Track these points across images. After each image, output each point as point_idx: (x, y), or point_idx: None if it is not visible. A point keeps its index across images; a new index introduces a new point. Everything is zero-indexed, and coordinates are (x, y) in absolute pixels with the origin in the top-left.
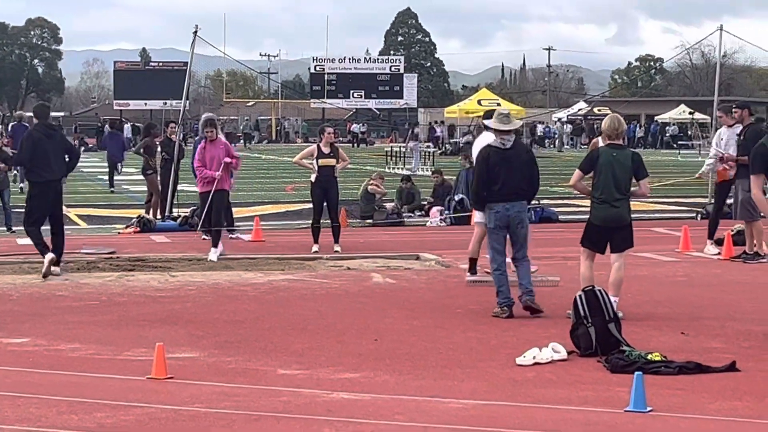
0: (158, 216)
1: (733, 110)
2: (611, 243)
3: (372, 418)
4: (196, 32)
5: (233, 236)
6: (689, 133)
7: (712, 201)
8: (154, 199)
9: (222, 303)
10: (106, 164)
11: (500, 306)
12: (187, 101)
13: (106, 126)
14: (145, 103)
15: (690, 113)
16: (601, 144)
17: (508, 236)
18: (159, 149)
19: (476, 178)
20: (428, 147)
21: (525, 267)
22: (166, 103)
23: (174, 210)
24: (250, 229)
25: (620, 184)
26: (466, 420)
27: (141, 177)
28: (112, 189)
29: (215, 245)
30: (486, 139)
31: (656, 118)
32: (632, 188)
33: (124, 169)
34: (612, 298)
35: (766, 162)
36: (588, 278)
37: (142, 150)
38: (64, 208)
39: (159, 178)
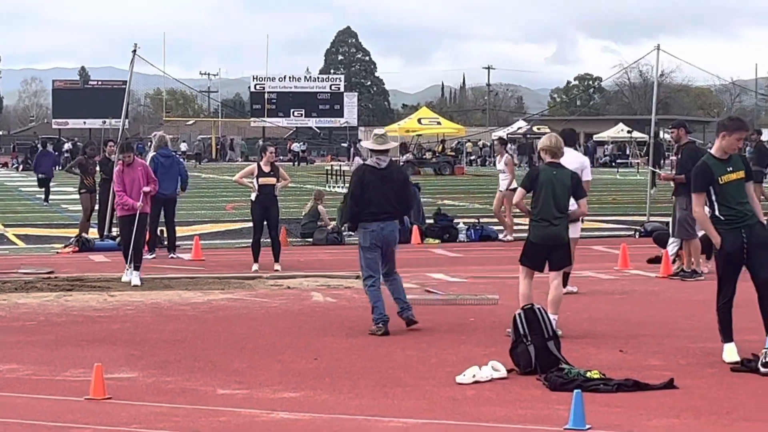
0: (83, 235)
1: (670, 130)
2: (550, 261)
3: None
4: (135, 51)
5: (173, 255)
6: (627, 151)
7: (650, 219)
8: (82, 219)
9: (161, 323)
10: (39, 181)
11: (376, 323)
12: (127, 120)
13: (39, 144)
14: (84, 122)
15: (628, 132)
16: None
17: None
18: (98, 168)
19: (351, 197)
20: None
21: (397, 282)
22: (105, 122)
23: (113, 229)
24: (190, 248)
25: (559, 202)
26: None
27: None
28: (46, 203)
29: (138, 268)
30: (572, 156)
31: (594, 136)
32: (571, 207)
33: (61, 189)
34: (551, 316)
35: (709, 180)
36: (527, 296)
37: (74, 168)
38: (1, 227)
39: (97, 197)
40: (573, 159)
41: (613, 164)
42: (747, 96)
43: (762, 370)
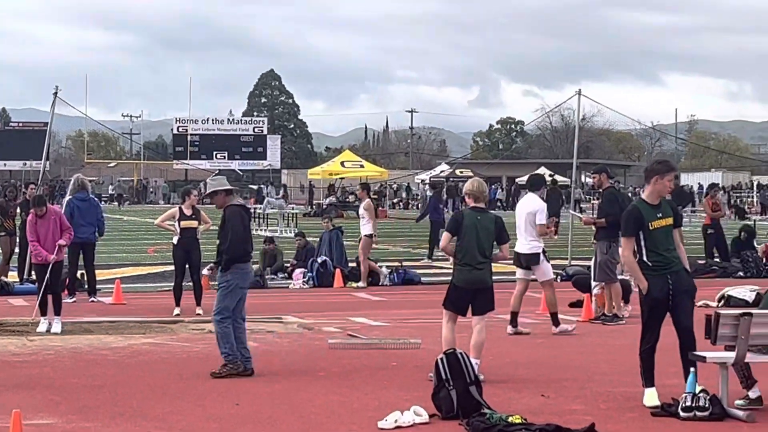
0: (2, 278)
1: (592, 175)
2: (473, 305)
3: None
4: (56, 93)
5: (94, 299)
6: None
7: (571, 263)
8: (1, 262)
9: (81, 367)
10: None
11: (229, 362)
12: (48, 162)
13: None
14: (5, 164)
15: (550, 176)
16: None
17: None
18: (18, 210)
19: (237, 237)
20: (292, 208)
21: (244, 327)
22: (26, 164)
23: (33, 273)
24: (111, 292)
25: (483, 247)
26: None
27: None
28: None
29: (58, 313)
30: (530, 199)
31: (517, 180)
32: (493, 252)
33: None
34: (473, 361)
35: (639, 225)
36: (450, 341)
37: None
38: None
39: (18, 240)
40: (529, 203)
41: None
42: (667, 140)
43: (682, 414)
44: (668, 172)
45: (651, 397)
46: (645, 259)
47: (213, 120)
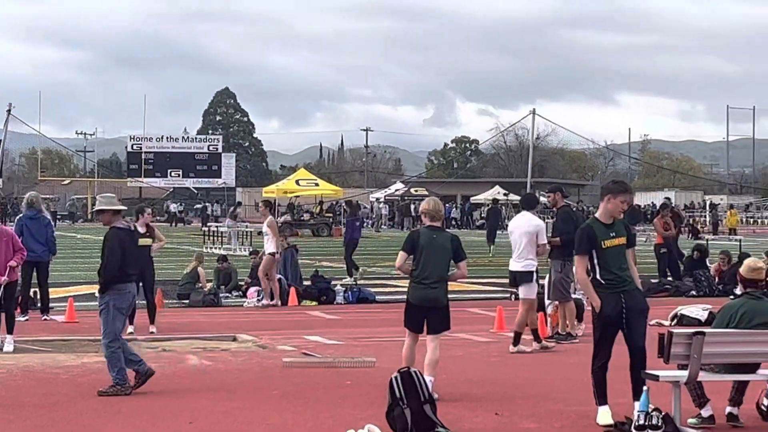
0: None
1: (547, 194)
2: (428, 323)
3: None
4: (9, 110)
5: (46, 317)
6: (504, 213)
7: None
8: None
9: (33, 386)
10: None
11: (118, 384)
12: (1, 179)
13: None
14: None
15: (505, 194)
16: None
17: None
18: None
19: (113, 259)
20: (246, 226)
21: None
22: None
23: None
24: (64, 310)
25: (439, 265)
26: None
27: None
28: None
29: (10, 332)
30: (528, 218)
31: (471, 199)
32: (451, 270)
33: None
34: (427, 379)
35: (592, 244)
36: (409, 359)
37: None
38: None
39: None
40: (527, 222)
41: None
42: (621, 160)
43: None
44: (621, 192)
45: (604, 416)
46: (598, 277)
47: (168, 138)
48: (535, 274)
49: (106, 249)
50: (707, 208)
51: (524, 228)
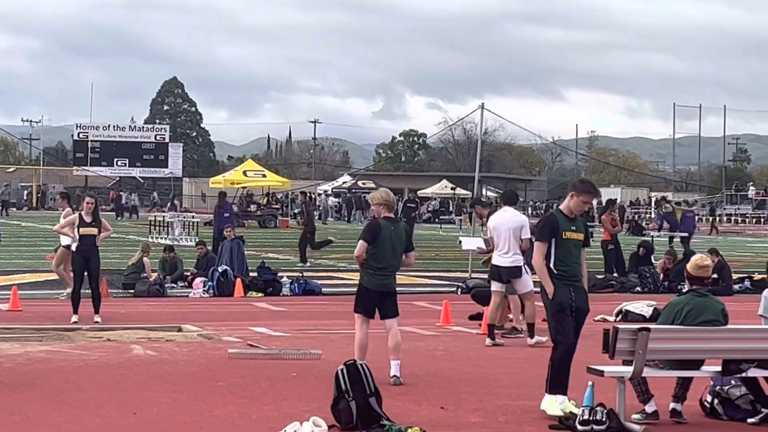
0: None
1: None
2: (380, 309)
3: None
4: None
5: None
6: (450, 208)
7: (471, 276)
8: None
9: None
10: None
11: None
12: None
13: None
14: None
15: (452, 188)
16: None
17: None
18: None
19: None
20: (192, 216)
21: None
22: None
23: None
24: (8, 299)
25: (396, 256)
26: None
27: None
28: None
29: None
30: (511, 213)
31: (418, 192)
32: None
33: None
34: (394, 362)
35: (554, 232)
36: (364, 342)
37: None
38: None
39: None
40: (511, 218)
41: (436, 220)
42: (568, 155)
43: (579, 428)
44: (584, 193)
45: (555, 406)
46: (552, 266)
47: (114, 126)
48: (523, 268)
49: None
50: (652, 204)
51: (509, 224)
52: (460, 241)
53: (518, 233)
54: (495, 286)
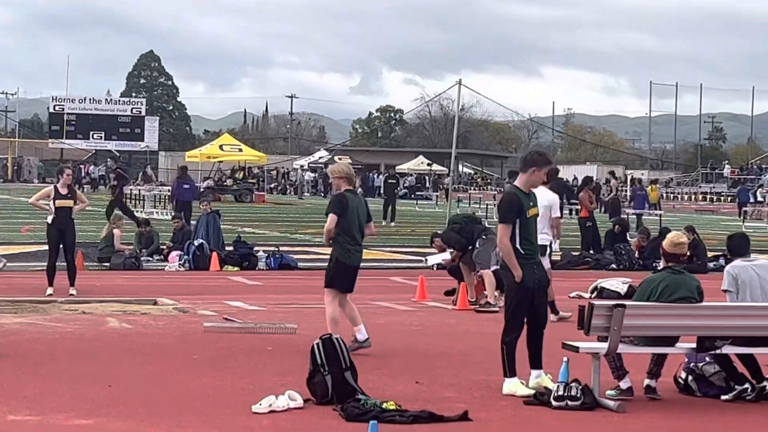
0: None
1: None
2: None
3: None
4: None
5: None
6: (427, 184)
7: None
8: None
9: None
10: None
11: None
12: None
13: None
14: None
15: (428, 164)
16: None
17: None
18: None
19: None
20: (168, 190)
21: None
22: None
23: None
24: None
25: (361, 227)
26: None
27: None
28: None
29: None
30: (542, 192)
31: (396, 167)
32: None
33: None
34: (363, 328)
35: (518, 211)
36: (338, 318)
37: None
38: None
39: None
40: (542, 196)
41: (413, 196)
42: (544, 132)
43: (554, 403)
44: (546, 164)
45: (520, 386)
46: (518, 246)
47: (90, 99)
48: (549, 248)
49: None
50: (628, 182)
51: (540, 202)
52: (426, 259)
53: (547, 212)
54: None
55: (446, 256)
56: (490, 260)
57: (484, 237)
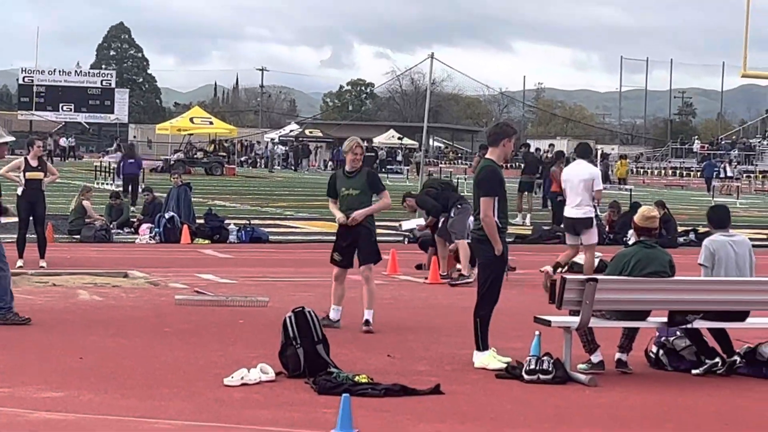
0: None
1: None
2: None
3: None
4: None
5: None
6: (398, 158)
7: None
8: None
9: None
10: None
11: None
12: None
13: None
14: None
15: (399, 138)
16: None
17: None
18: None
19: None
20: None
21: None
22: None
23: None
24: None
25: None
26: None
27: None
28: None
29: None
30: (583, 166)
31: (365, 143)
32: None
33: None
34: (336, 308)
35: (501, 184)
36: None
37: None
38: None
39: None
40: (583, 170)
41: (383, 170)
42: (515, 107)
43: (525, 377)
44: (515, 134)
45: (488, 359)
46: (496, 219)
47: (60, 71)
48: (594, 220)
49: None
50: (598, 157)
51: (581, 176)
52: (400, 224)
53: (590, 185)
54: (569, 239)
55: (420, 221)
56: (465, 230)
57: (459, 206)
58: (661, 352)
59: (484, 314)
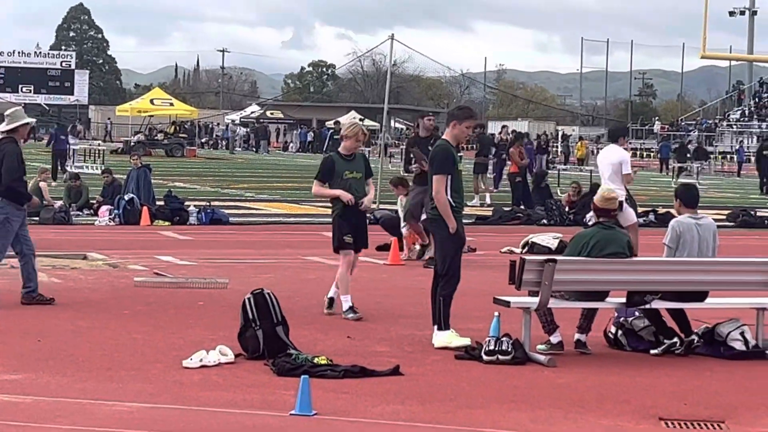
0: None
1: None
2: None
3: (33, 421)
4: None
5: None
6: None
7: (379, 206)
8: None
9: None
10: None
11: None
12: None
13: None
14: None
15: (360, 120)
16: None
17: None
18: None
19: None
20: (99, 144)
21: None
22: None
23: None
24: None
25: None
26: (129, 423)
27: None
28: None
29: None
30: (613, 149)
31: (326, 123)
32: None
33: None
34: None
35: (453, 163)
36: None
37: None
38: None
39: None
40: (612, 153)
41: None
42: (476, 88)
43: (485, 358)
44: (467, 119)
45: (450, 337)
46: (449, 198)
47: (19, 53)
48: (625, 202)
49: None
50: (559, 138)
51: (609, 159)
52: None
53: (618, 168)
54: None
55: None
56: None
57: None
58: (619, 332)
59: (446, 294)
